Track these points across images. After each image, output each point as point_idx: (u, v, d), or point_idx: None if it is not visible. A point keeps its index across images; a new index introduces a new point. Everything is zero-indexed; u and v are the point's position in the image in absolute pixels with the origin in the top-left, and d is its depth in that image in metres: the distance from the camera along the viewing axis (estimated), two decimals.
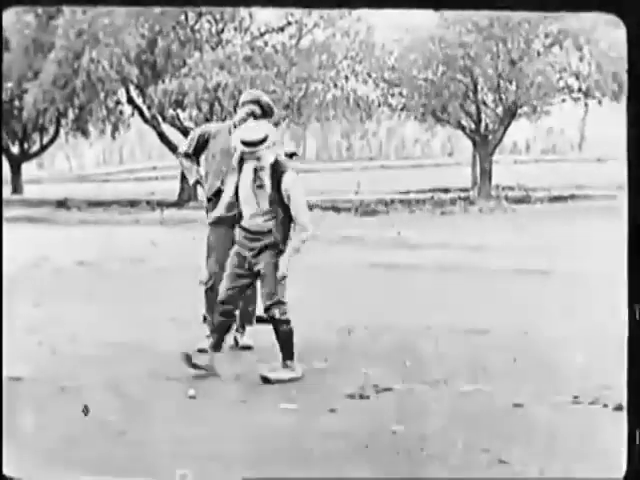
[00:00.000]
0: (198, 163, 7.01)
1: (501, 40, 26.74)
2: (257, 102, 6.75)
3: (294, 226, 5.92)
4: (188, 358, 6.08)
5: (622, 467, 3.96)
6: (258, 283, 6.23)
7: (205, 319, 6.86)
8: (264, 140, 5.76)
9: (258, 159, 5.79)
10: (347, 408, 5.34)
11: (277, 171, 5.85)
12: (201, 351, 6.47)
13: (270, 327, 7.02)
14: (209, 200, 6.81)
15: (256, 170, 5.84)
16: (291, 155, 6.84)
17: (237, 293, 6.06)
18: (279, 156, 5.94)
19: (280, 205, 5.85)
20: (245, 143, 5.76)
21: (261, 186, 5.87)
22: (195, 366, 6.07)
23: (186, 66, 25.63)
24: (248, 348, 6.83)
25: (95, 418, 5.12)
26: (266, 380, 5.87)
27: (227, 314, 6.06)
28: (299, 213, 5.86)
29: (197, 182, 6.92)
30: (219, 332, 6.08)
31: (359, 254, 13.59)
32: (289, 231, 5.95)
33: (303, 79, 26.34)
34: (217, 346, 6.08)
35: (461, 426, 5.02)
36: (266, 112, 6.79)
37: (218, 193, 6.74)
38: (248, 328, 6.95)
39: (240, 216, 6.06)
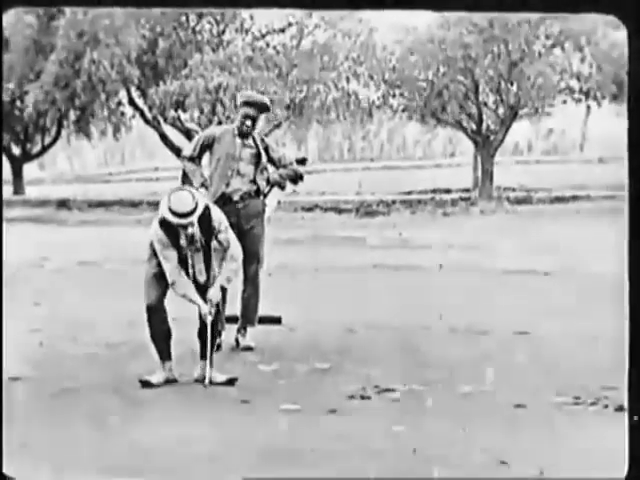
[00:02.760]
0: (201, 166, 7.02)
1: (502, 41, 26.73)
2: (249, 103, 6.75)
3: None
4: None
5: (624, 468, 3.95)
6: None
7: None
8: (194, 210, 5.66)
9: (186, 227, 5.70)
10: (348, 409, 5.33)
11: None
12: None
13: (272, 328, 7.04)
14: (214, 203, 6.74)
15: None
16: (301, 161, 6.87)
17: None
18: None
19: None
20: (176, 214, 5.67)
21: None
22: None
23: (187, 67, 25.64)
24: (249, 349, 6.83)
25: (95, 418, 5.11)
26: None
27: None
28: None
29: (202, 185, 6.90)
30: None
31: (360, 255, 13.59)
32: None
33: (304, 80, 26.34)
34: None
35: (462, 426, 5.01)
36: (261, 109, 6.80)
37: (223, 197, 6.75)
38: (249, 329, 6.94)
39: None
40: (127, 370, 6.21)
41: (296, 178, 6.97)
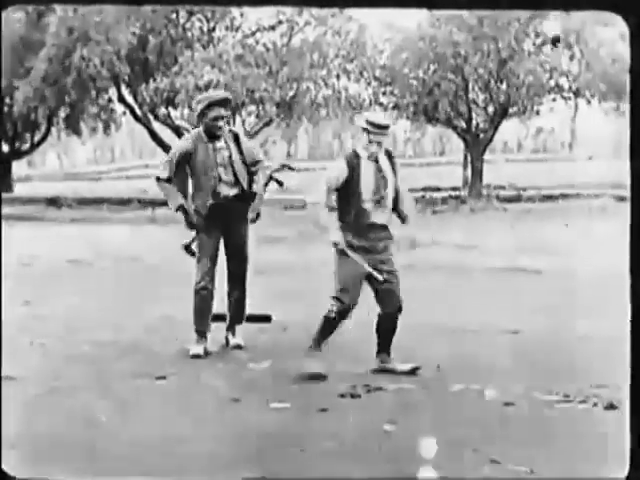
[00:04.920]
0: (183, 183, 6.78)
1: (491, 39, 26.78)
2: (214, 104, 6.58)
3: None
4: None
5: (625, 468, 3.97)
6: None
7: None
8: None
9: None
10: (339, 407, 5.34)
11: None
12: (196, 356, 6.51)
13: (259, 326, 7.04)
14: (208, 213, 6.65)
15: None
16: (284, 167, 6.82)
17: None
18: None
19: None
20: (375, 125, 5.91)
21: None
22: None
23: (177, 64, 25.61)
24: (239, 347, 6.83)
25: (87, 417, 5.11)
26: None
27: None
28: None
29: (180, 207, 6.68)
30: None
31: None
32: None
33: (294, 78, 26.33)
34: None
35: (453, 425, 5.03)
36: (227, 104, 6.68)
37: (212, 208, 6.65)
38: (238, 328, 6.93)
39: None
40: (116, 368, 6.20)
41: (269, 181, 6.89)
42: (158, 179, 6.73)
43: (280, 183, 6.92)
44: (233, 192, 6.69)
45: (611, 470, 4.07)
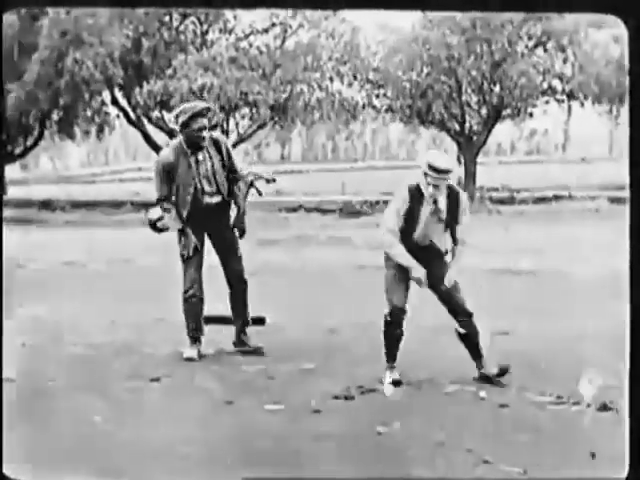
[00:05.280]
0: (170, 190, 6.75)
1: (484, 41, 26.83)
2: (197, 115, 6.55)
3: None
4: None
5: (624, 468, 3.98)
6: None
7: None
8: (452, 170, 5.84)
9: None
10: (332, 409, 5.35)
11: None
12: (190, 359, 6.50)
13: (254, 328, 7.03)
14: (188, 217, 6.65)
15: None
16: (268, 180, 6.79)
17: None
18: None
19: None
20: (436, 170, 5.81)
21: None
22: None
23: (171, 67, 25.61)
24: (260, 351, 6.74)
25: (81, 420, 5.11)
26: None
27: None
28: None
29: (182, 229, 6.67)
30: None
31: (345, 255, 13.61)
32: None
33: (288, 81, 26.34)
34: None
35: (446, 426, 5.03)
36: (208, 113, 6.64)
37: (194, 215, 6.63)
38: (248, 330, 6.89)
39: None
40: (110, 370, 6.20)
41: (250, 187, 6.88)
42: (158, 200, 6.71)
43: (260, 193, 6.89)
44: (215, 200, 6.69)
45: (611, 470, 4.08)
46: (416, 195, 5.88)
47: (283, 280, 10.39)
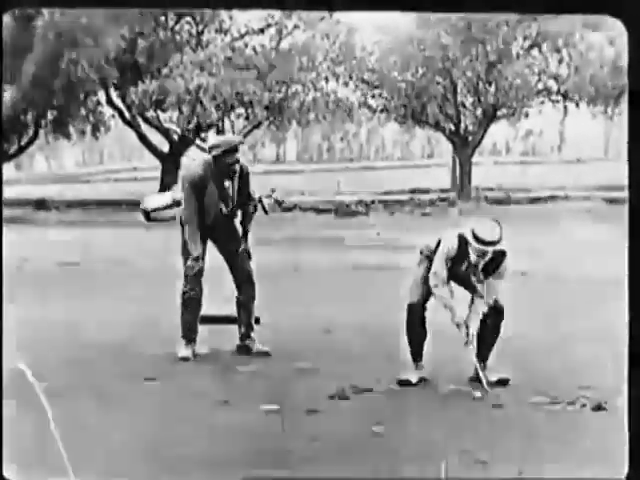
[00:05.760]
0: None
1: (480, 42, 26.85)
2: (230, 150, 6.60)
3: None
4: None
5: (624, 468, 3.98)
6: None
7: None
8: (499, 241, 5.76)
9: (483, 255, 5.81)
10: (327, 409, 5.35)
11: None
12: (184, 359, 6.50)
13: (255, 328, 7.02)
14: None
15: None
16: (279, 203, 6.86)
17: None
18: None
19: None
20: (481, 241, 5.73)
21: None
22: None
23: (167, 67, 25.59)
24: (267, 354, 6.75)
25: (76, 420, 5.10)
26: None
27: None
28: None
29: (197, 258, 6.65)
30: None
31: (340, 255, 13.61)
32: None
33: (283, 81, 26.35)
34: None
35: (443, 427, 5.04)
36: (237, 149, 6.71)
37: (205, 230, 6.70)
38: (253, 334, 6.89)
39: None
40: (105, 370, 6.19)
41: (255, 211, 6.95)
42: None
43: (266, 211, 6.98)
44: (225, 221, 6.81)
45: (611, 471, 4.07)
46: (463, 246, 5.85)
47: (278, 280, 10.38)
